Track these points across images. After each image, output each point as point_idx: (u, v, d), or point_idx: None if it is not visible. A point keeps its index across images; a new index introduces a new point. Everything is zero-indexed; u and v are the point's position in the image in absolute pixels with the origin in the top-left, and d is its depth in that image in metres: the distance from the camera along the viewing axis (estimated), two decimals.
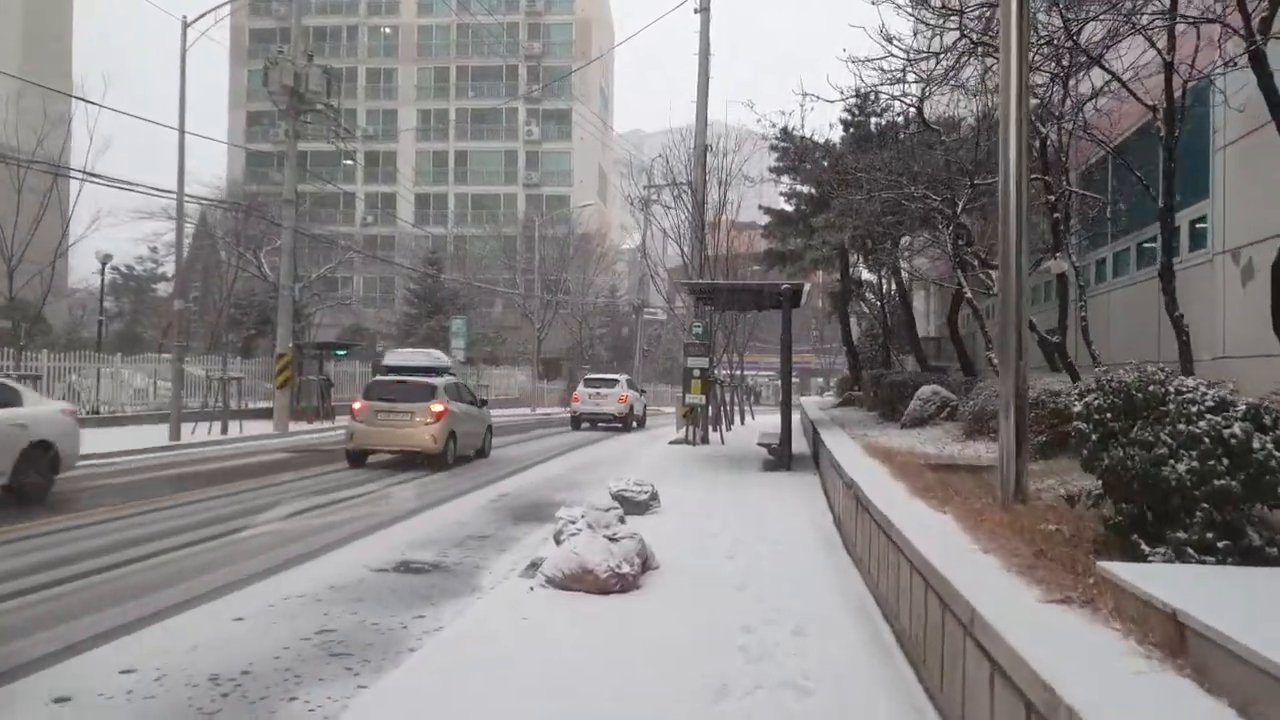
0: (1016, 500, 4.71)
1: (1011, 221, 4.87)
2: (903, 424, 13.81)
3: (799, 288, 13.40)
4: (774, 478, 12.59)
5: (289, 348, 23.04)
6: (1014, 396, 4.81)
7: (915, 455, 9.01)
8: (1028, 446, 4.82)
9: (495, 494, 12.02)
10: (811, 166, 18.96)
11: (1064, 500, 4.72)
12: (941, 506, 5.29)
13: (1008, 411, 4.84)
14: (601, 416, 27.52)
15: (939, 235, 12.94)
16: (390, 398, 15.27)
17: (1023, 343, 4.91)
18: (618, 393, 27.95)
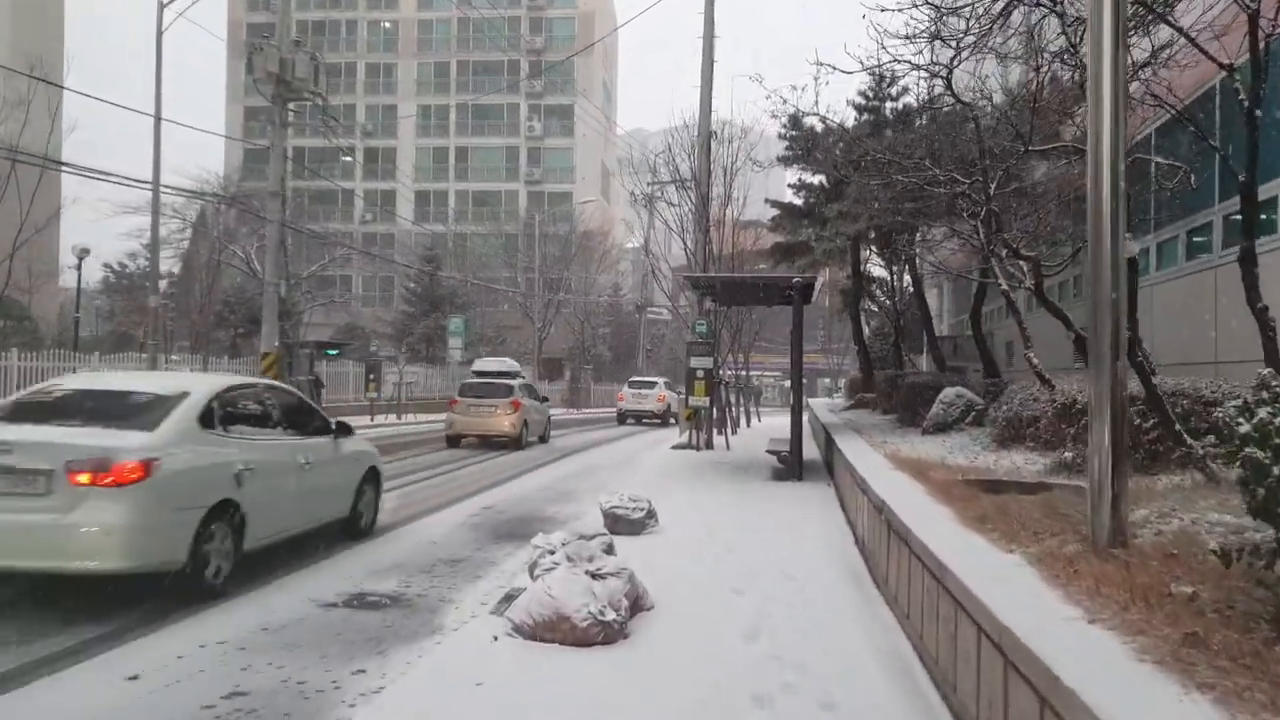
0: (1115, 543, 3.62)
1: (1105, 183, 3.78)
2: (924, 429, 12.72)
3: (811, 281, 12.31)
4: (784, 489, 11.50)
5: (275, 346, 21.98)
6: (1110, 403, 3.71)
7: (949, 469, 7.91)
8: (1128, 471, 3.73)
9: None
10: (823, 155, 17.84)
11: (1172, 540, 3.63)
12: (1007, 543, 4.20)
13: (1101, 421, 3.73)
14: (644, 413, 31.94)
15: (964, 224, 11.82)
16: (479, 394, 19.69)
17: (1121, 333, 3.82)
18: (657, 393, 32.46)
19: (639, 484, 12.27)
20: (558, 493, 12.38)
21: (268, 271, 22.33)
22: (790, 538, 7.92)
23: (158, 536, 5.76)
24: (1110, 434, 3.68)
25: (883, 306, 29.56)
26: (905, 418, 14.38)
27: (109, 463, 5.59)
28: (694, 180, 18.45)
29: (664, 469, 14.08)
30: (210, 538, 6.13)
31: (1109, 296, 3.76)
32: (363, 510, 8.63)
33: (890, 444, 11.05)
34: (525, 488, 12.81)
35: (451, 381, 36.82)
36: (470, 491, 12.19)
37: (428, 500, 11.19)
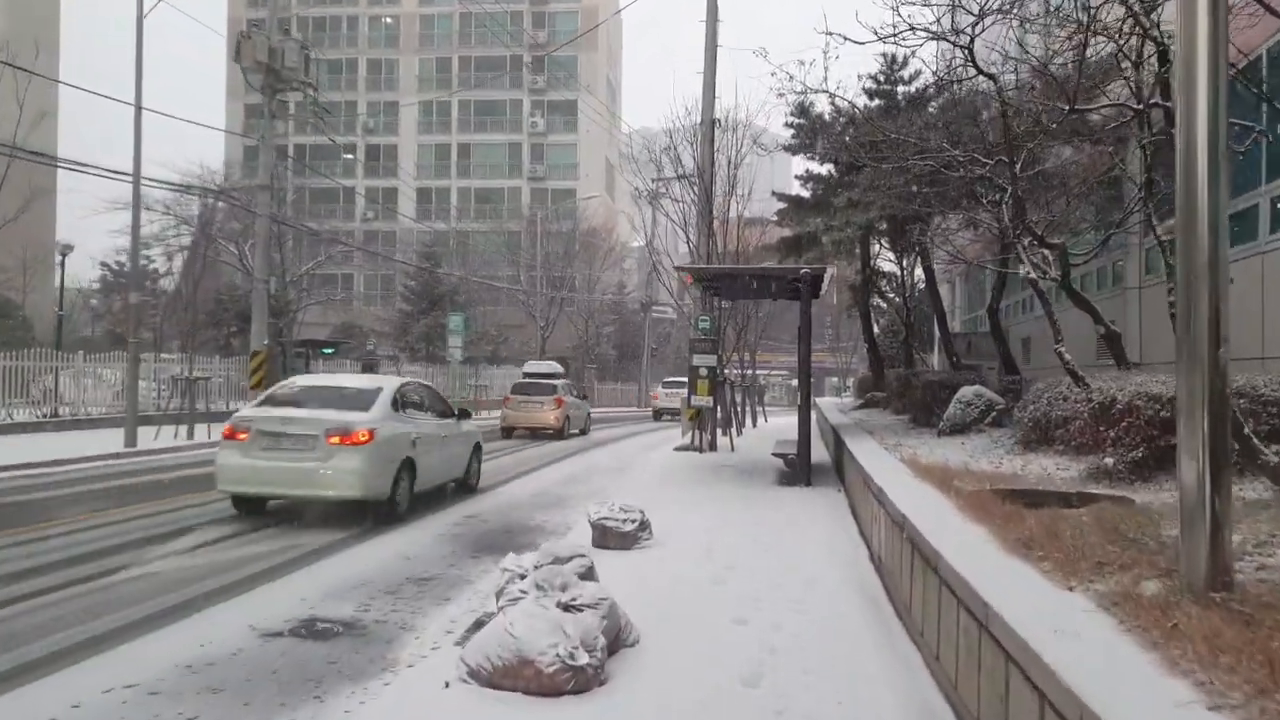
0: (1217, 583, 2.83)
1: (1200, 112, 2.99)
2: (940, 431, 11.92)
3: (819, 273, 11.52)
4: (791, 495, 10.71)
5: (264, 345, 21.27)
6: (1208, 401, 2.90)
7: (974, 475, 7.11)
8: (1230, 490, 2.93)
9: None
10: (832, 141, 17.05)
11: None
12: (1065, 577, 3.41)
13: (1195, 425, 2.91)
14: (677, 410, 34.25)
15: (983, 211, 11.02)
16: (528, 392, 23.34)
17: (1222, 313, 3.01)
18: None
19: (636, 488, 11.51)
20: (553, 499, 11.63)
21: (257, 268, 21.65)
22: (798, 554, 7.13)
23: (376, 478, 8.95)
24: (1209, 442, 2.87)
25: (892, 303, 28.77)
26: (919, 418, 13.58)
27: (351, 430, 8.82)
28: (697, 170, 17.67)
29: (664, 472, 13.31)
30: (399, 481, 9.29)
31: (1206, 266, 2.96)
32: (472, 473, 12.02)
33: (905, 446, 10.25)
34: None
35: (452, 381, 36.14)
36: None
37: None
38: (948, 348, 18.03)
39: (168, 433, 19.16)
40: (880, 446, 10.49)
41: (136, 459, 15.81)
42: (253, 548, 7.87)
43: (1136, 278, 13.11)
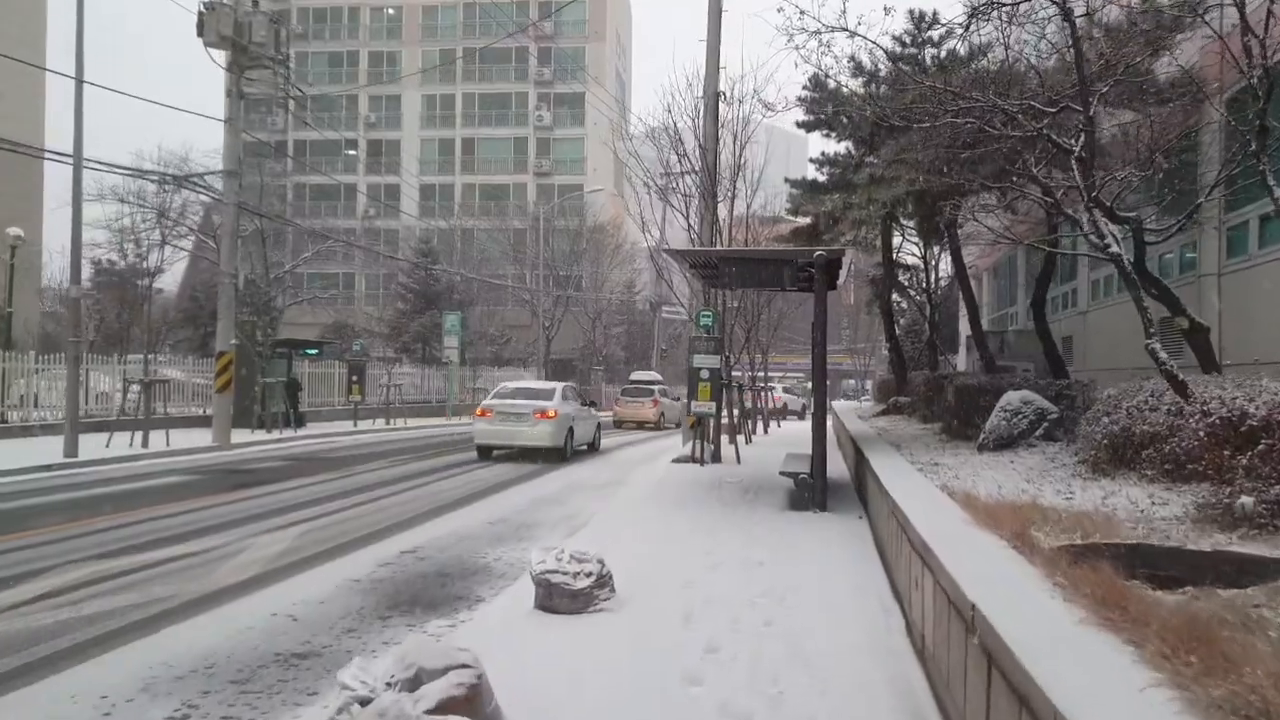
0: None
1: None
2: (981, 445, 9.98)
3: (836, 257, 9.65)
4: (802, 525, 8.82)
5: (231, 345, 19.60)
6: None
7: (1047, 514, 5.20)
8: None
9: None
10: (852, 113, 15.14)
11: None
12: None
13: None
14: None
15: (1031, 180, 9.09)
16: (633, 395, 32.20)
17: None
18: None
19: (617, 511, 9.68)
20: (513, 527, 9.80)
21: (223, 261, 19.99)
22: (807, 623, 5.25)
23: (558, 436, 16.94)
24: None
25: (914, 299, 26.80)
26: (953, 428, 11.64)
27: (546, 410, 16.90)
28: (699, 147, 15.80)
29: (655, 490, 11.45)
30: (569, 440, 17.29)
31: None
32: (597, 442, 20.28)
33: (944, 467, 8.35)
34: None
35: (449, 384, 34.39)
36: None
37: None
38: (980, 347, 16.07)
39: (122, 440, 17.50)
40: (910, 465, 8.60)
41: (74, 472, 14.10)
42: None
43: (1215, 262, 11.16)
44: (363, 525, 9.30)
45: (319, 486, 12.30)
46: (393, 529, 9.19)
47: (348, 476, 13.74)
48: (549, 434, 16.74)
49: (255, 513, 9.97)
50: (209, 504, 10.58)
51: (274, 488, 12.16)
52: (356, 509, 10.49)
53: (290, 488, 12.20)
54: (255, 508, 10.33)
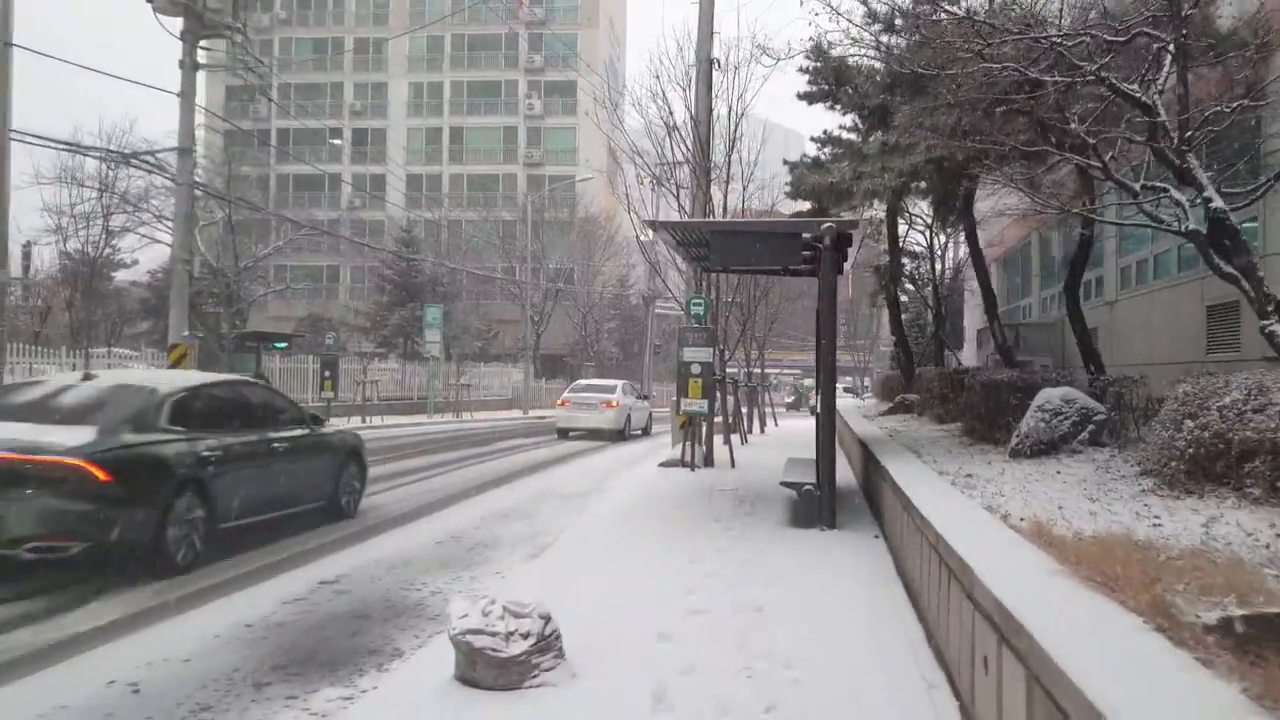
0: None
1: None
2: (1015, 451, 8.54)
3: (846, 230, 8.21)
4: (807, 547, 7.39)
5: (185, 337, 18.10)
6: None
7: (1147, 550, 3.76)
8: None
9: None
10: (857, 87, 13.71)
11: None
12: None
13: None
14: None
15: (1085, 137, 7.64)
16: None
17: None
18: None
19: (587, 531, 8.23)
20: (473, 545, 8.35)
21: (176, 245, 18.47)
22: (824, 708, 3.81)
23: (619, 423, 22.59)
24: None
25: (919, 290, 25.41)
26: (977, 430, 10.19)
27: (611, 401, 22.70)
28: (692, 120, 14.34)
29: (636, 501, 10.02)
30: (626, 424, 22.98)
31: None
32: (649, 428, 25.44)
33: (978, 478, 6.91)
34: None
35: (430, 380, 32.91)
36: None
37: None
38: (998, 340, 14.64)
39: None
40: (938, 476, 7.17)
41: None
42: None
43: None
44: (281, 547, 7.84)
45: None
46: (318, 552, 7.73)
47: None
48: (611, 419, 22.29)
49: None
50: None
51: None
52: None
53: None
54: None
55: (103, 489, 5.97)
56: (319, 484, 8.77)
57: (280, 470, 8.04)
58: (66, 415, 6.56)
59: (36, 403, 6.88)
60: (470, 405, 34.30)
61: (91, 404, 6.80)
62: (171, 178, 18.89)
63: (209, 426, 7.28)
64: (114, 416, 6.61)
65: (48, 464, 5.89)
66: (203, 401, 7.48)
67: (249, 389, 8.71)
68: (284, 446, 8.13)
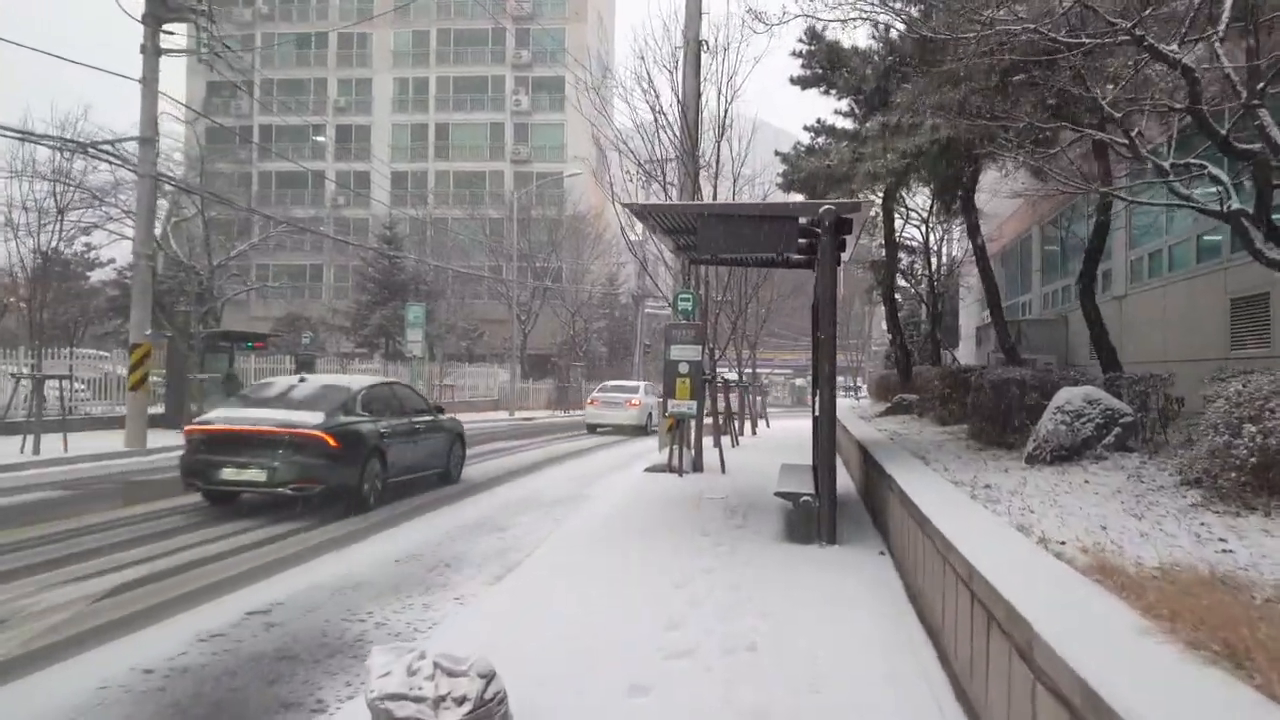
0: None
1: None
2: (1032, 456, 7.76)
3: (847, 211, 7.42)
4: (808, 568, 6.58)
5: (148, 335, 17.24)
6: None
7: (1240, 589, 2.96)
8: None
9: None
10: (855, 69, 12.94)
11: None
12: None
13: None
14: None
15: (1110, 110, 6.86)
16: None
17: None
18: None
19: (560, 546, 7.41)
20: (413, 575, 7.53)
21: (137, 240, 17.59)
22: None
23: (641, 419, 25.23)
24: None
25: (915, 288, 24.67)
26: (987, 433, 9.41)
27: (633, 400, 25.77)
28: (679, 105, 13.53)
29: (617, 510, 9.20)
30: (648, 420, 25.05)
31: None
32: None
33: (998, 488, 6.13)
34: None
35: (414, 381, 32.01)
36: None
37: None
38: (1001, 336, 13.89)
39: (11, 446, 15.10)
40: (953, 486, 6.38)
41: None
42: None
43: None
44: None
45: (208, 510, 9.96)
46: (248, 576, 6.88)
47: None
48: (634, 416, 25.17)
49: (88, 548, 7.64)
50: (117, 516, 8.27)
51: (143, 509, 9.83)
52: (236, 539, 8.18)
53: (166, 510, 9.87)
54: (91, 542, 7.98)
55: (333, 451, 9.24)
56: (440, 455, 12.12)
57: (419, 444, 11.32)
58: (300, 404, 9.74)
59: (278, 396, 10.13)
60: (455, 406, 33.38)
61: (313, 396, 9.95)
62: (133, 169, 17.94)
63: (380, 412, 10.49)
64: (331, 404, 9.74)
65: (301, 435, 9.14)
66: (376, 395, 10.72)
67: (398, 387, 12.24)
68: (421, 427, 11.45)
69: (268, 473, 9.07)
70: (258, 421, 9.34)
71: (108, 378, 21.80)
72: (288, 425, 9.19)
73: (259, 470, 9.09)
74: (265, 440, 9.16)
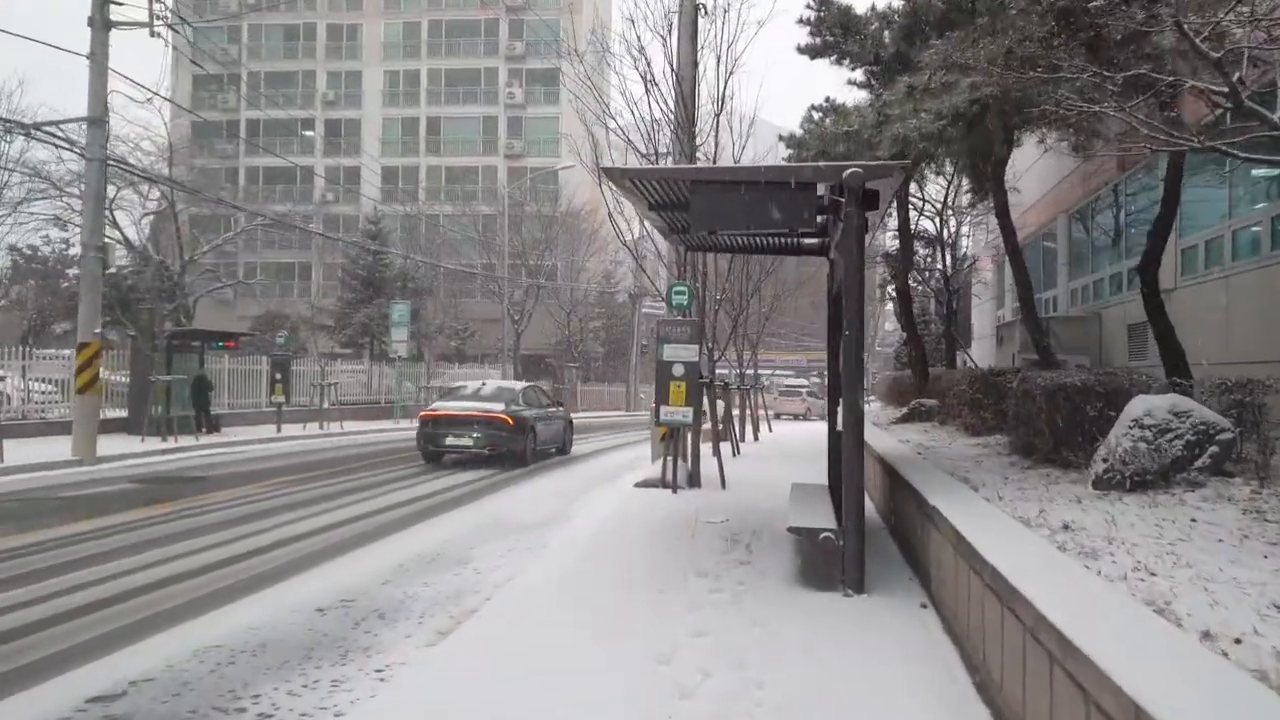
0: None
1: None
2: (1103, 479, 6.29)
3: (877, 176, 5.97)
4: (832, 631, 5.12)
5: (96, 335, 15.79)
6: None
7: None
8: None
9: None
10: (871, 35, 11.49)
11: None
12: None
13: None
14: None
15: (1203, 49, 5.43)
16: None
17: None
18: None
19: (513, 596, 5.97)
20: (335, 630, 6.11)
21: (85, 230, 16.18)
22: None
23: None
24: None
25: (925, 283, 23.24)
26: (1034, 447, 7.93)
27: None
28: (674, 75, 12.08)
29: (596, 542, 7.75)
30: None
31: None
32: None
33: (1081, 529, 4.69)
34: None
35: (397, 382, 30.57)
36: None
37: None
38: (1034, 332, 12.45)
39: None
40: (1016, 522, 4.94)
41: None
42: None
43: None
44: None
45: (121, 535, 8.52)
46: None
47: (201, 512, 9.97)
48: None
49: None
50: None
51: (53, 534, 8.39)
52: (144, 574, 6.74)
53: (82, 534, 8.44)
54: None
55: (510, 428, 15.18)
56: (559, 435, 17.95)
57: (550, 427, 17.19)
58: (487, 398, 15.97)
59: (472, 394, 16.45)
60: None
61: (494, 393, 16.40)
62: (81, 152, 16.51)
63: (530, 404, 16.56)
64: (506, 398, 16.00)
65: (491, 416, 15.15)
66: (527, 393, 17.06)
67: (538, 388, 18.92)
68: (550, 415, 17.56)
69: (473, 440, 15.09)
70: (466, 409, 15.51)
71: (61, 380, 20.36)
72: (483, 411, 15.35)
73: (468, 439, 15.12)
74: (471, 420, 15.24)
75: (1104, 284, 15.96)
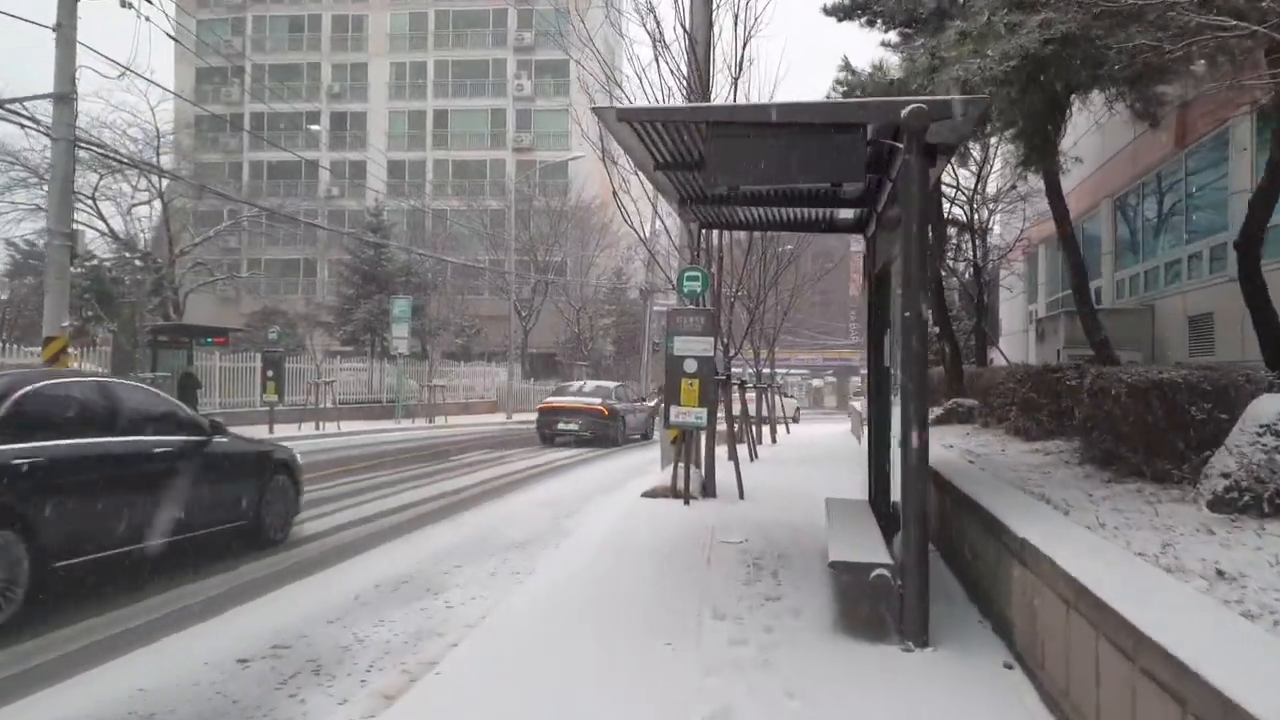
0: None
1: None
2: (1222, 499, 4.99)
3: (942, 114, 4.66)
4: (889, 700, 3.84)
5: (62, 328, 14.66)
6: None
7: None
8: None
9: None
10: None
11: None
12: None
13: None
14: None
15: None
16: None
17: None
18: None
19: (487, 645, 4.72)
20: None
21: (52, 216, 15.05)
22: None
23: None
24: None
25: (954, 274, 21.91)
26: (1122, 458, 6.59)
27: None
28: (687, 37, 10.81)
29: (593, 571, 6.49)
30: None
31: None
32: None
33: (1236, 577, 3.40)
34: None
35: (399, 380, 29.41)
36: None
37: None
38: (1087, 326, 11.12)
39: None
40: (1160, 570, 3.66)
41: None
42: None
43: None
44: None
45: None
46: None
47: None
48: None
49: None
50: None
51: None
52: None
53: None
54: None
55: (605, 418, 20.50)
56: (644, 425, 22.86)
57: (637, 417, 22.41)
58: (588, 394, 21.81)
59: (576, 390, 22.82)
60: (448, 409, 30.80)
61: (593, 391, 22.32)
62: (46, 131, 15.41)
63: (621, 399, 21.96)
64: (603, 395, 21.64)
65: (592, 408, 20.63)
66: (618, 390, 23.02)
67: (625, 386, 25.25)
68: (636, 408, 22.96)
69: (578, 426, 19.80)
70: (573, 402, 20.75)
71: None
72: (586, 404, 20.38)
73: (575, 425, 19.83)
74: (577, 411, 20.23)
75: (1158, 273, 14.58)
